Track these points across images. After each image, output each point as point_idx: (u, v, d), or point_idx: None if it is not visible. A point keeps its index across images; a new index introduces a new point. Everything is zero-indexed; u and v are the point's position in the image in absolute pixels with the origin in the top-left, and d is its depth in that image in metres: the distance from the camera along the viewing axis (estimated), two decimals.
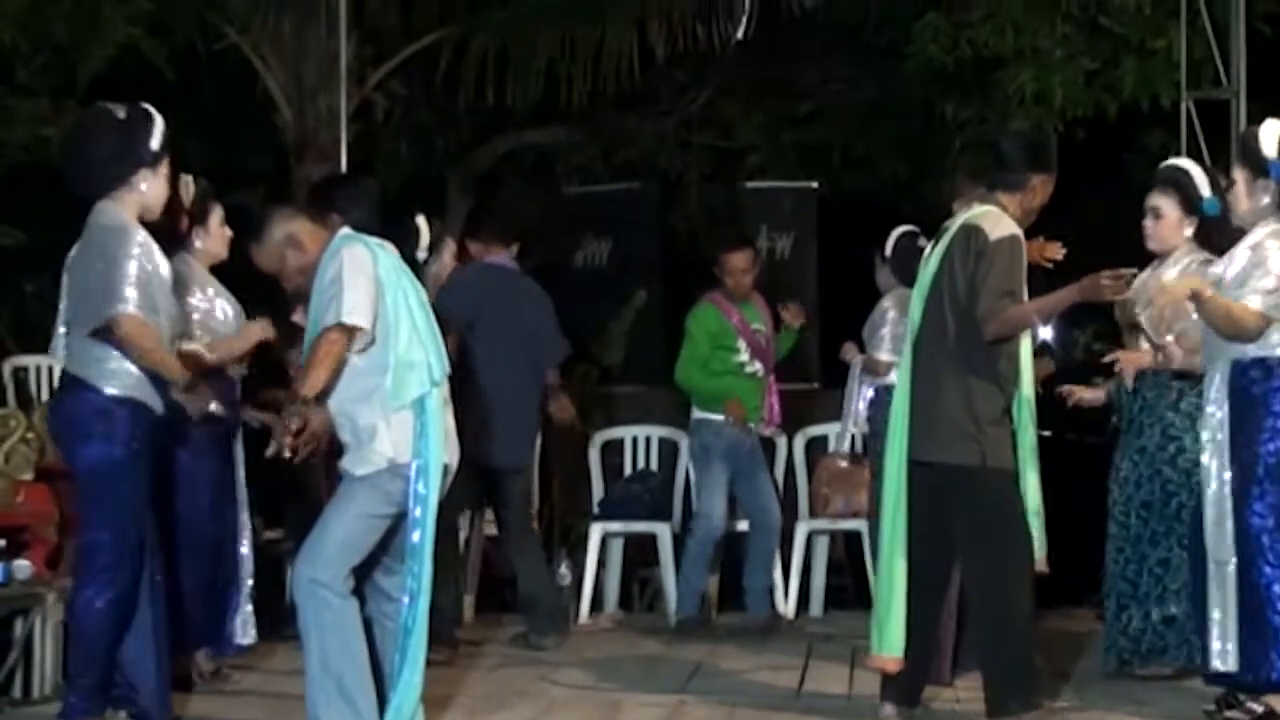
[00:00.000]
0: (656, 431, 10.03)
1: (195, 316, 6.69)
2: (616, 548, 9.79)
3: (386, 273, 5.55)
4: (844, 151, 13.21)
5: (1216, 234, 6.80)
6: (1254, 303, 5.96)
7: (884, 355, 8.16)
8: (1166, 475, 6.96)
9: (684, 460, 9.71)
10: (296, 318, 6.36)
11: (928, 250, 6.40)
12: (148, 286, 5.80)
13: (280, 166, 12.18)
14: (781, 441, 9.49)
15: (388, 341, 5.50)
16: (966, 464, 6.07)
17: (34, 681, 6.98)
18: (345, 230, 5.69)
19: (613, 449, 10.00)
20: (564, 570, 9.27)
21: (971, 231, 6.16)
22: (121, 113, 6.03)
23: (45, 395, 9.18)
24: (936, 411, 6.12)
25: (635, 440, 9.96)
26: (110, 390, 5.81)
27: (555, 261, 13.02)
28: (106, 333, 5.77)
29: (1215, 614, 6.02)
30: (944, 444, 6.10)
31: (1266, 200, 6.12)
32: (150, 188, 5.97)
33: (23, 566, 7.21)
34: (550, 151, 14.21)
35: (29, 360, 9.46)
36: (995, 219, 6.18)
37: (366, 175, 8.24)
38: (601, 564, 9.57)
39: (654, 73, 12.43)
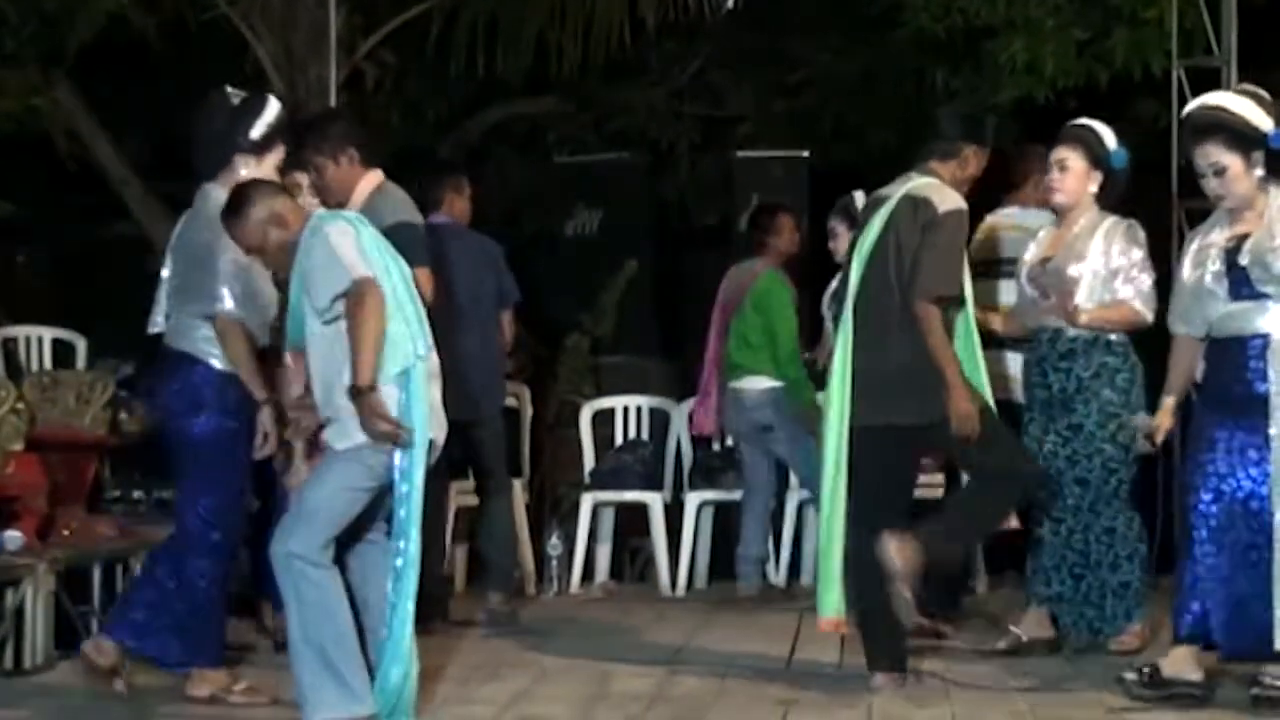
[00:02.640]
0: (647, 401, 10.05)
1: None
2: (608, 518, 9.81)
3: (368, 246, 5.51)
4: (835, 121, 13.20)
5: (1109, 192, 6.91)
6: None
7: None
8: (1109, 454, 6.90)
9: (674, 430, 9.72)
10: None
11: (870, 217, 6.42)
12: (247, 277, 5.96)
13: None
14: None
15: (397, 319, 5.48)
16: (925, 423, 6.13)
17: (25, 652, 6.98)
18: (321, 210, 5.69)
19: (603, 419, 10.01)
20: (555, 540, 9.29)
21: (918, 203, 6.23)
22: (236, 98, 6.18)
23: (36, 366, 9.17)
24: (889, 375, 6.18)
25: (626, 410, 9.98)
26: (219, 365, 6.00)
27: (546, 231, 13.02)
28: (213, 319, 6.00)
29: None
30: (899, 405, 6.15)
31: (1260, 172, 5.99)
32: (252, 174, 5.97)
33: (14, 537, 7.21)
34: (541, 121, 14.19)
35: (19, 331, 9.45)
36: (940, 190, 6.27)
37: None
38: (592, 534, 9.60)
39: (644, 42, 12.40)
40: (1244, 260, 5.91)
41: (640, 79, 13.79)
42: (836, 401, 6.26)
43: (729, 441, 9.66)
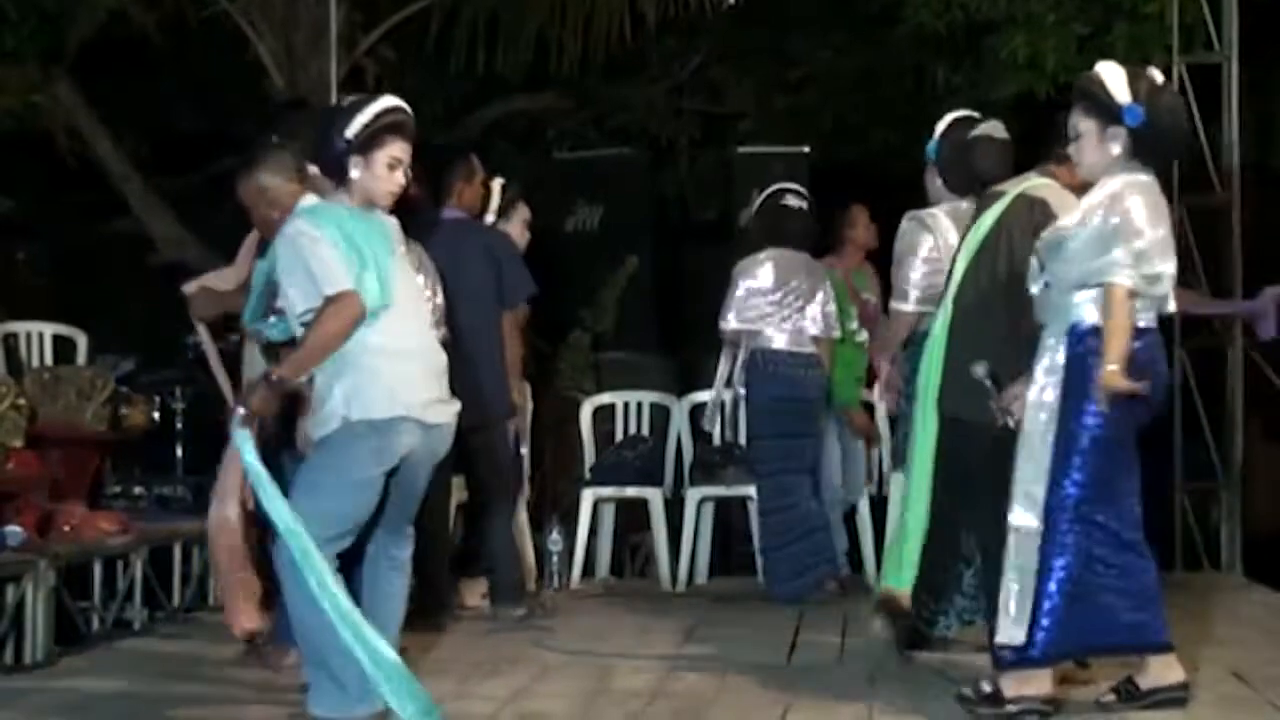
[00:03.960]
0: (647, 397, 10.04)
1: None
2: (608, 514, 9.81)
3: (347, 236, 5.40)
4: (835, 117, 13.20)
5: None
6: (1122, 278, 5.52)
7: (731, 324, 8.63)
8: None
9: (674, 426, 9.72)
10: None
11: (972, 213, 6.39)
12: None
13: None
14: None
15: None
16: (990, 422, 6.15)
17: (25, 648, 6.97)
18: (307, 198, 5.60)
19: (603, 415, 10.00)
20: (556, 536, 9.28)
21: (1034, 204, 6.18)
22: (345, 102, 6.00)
23: (36, 362, 9.16)
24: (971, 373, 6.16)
25: (626, 406, 9.97)
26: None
27: (546, 227, 13.02)
28: None
29: (1014, 585, 5.69)
30: (976, 403, 6.13)
31: (1116, 150, 5.69)
32: (361, 175, 5.70)
33: (15, 533, 7.20)
34: (541, 117, 14.20)
35: (20, 327, 9.44)
36: (1058, 194, 6.21)
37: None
38: (593, 530, 9.59)
39: (645, 38, 12.40)
40: (1038, 247, 5.81)
41: (640, 75, 13.81)
42: (929, 388, 6.28)
43: (729, 437, 9.67)
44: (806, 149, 12.21)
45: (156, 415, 9.45)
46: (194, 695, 6.14)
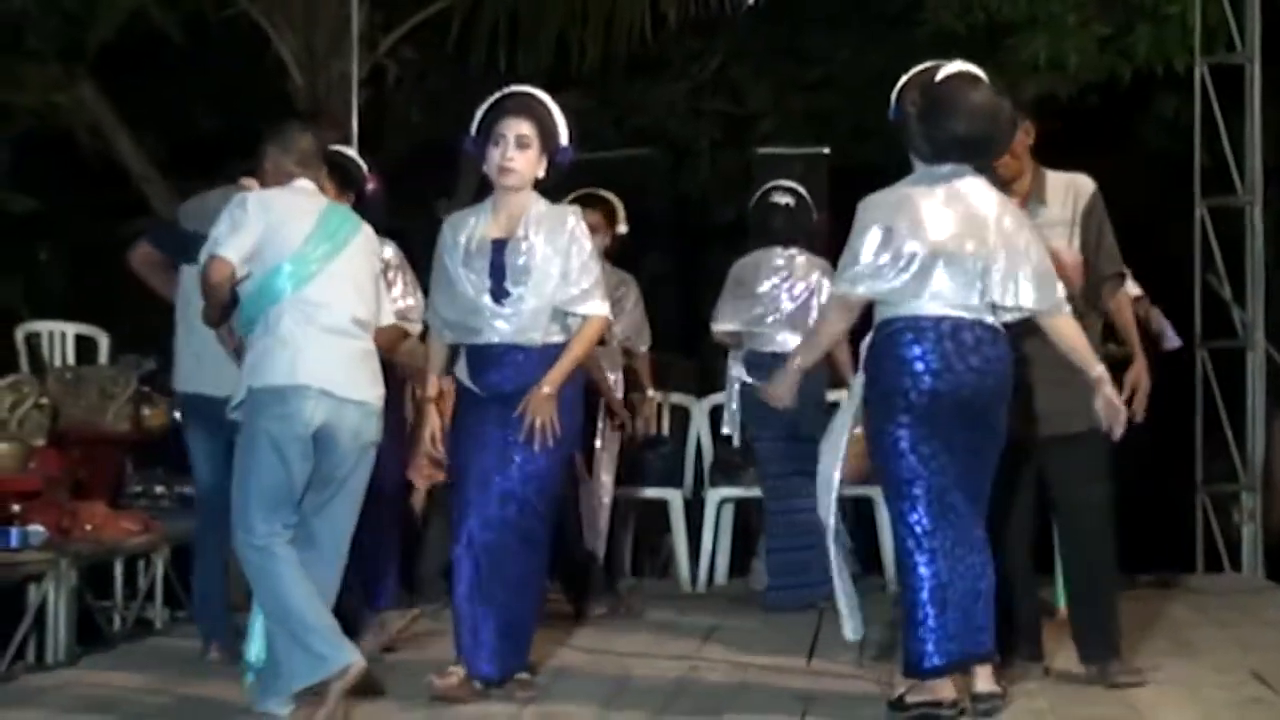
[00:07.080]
0: (667, 398, 10.02)
1: None
2: (628, 515, 9.79)
3: (271, 220, 5.53)
4: (854, 117, 13.19)
5: None
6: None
7: (720, 327, 8.76)
8: None
9: (694, 427, 9.71)
10: None
11: None
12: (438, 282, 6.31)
13: None
14: None
15: (255, 275, 5.51)
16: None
17: (47, 647, 7.00)
18: (299, 183, 5.76)
19: None
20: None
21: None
22: None
23: (58, 361, 9.19)
24: None
25: None
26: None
27: None
28: None
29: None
30: None
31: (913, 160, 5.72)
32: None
33: (37, 532, 7.22)
34: None
35: (42, 326, 9.47)
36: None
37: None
38: (613, 532, 9.58)
39: (666, 39, 12.40)
40: None
41: (661, 76, 13.80)
42: None
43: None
44: (826, 150, 12.21)
45: (178, 414, 9.47)
46: (215, 695, 6.15)
